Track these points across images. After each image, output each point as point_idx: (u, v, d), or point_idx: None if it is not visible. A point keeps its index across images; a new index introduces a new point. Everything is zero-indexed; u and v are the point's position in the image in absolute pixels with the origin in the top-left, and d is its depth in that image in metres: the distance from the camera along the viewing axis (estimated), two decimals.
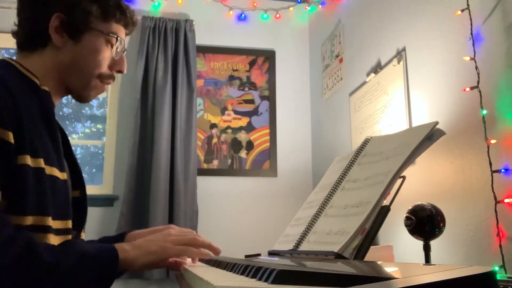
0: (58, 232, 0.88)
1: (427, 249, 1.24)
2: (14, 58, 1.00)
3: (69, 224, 0.93)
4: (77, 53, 0.99)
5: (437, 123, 0.96)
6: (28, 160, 0.83)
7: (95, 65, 1.01)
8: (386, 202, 0.92)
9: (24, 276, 0.73)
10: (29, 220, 0.82)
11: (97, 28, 1.00)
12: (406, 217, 1.24)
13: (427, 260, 1.24)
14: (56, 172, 0.90)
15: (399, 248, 1.71)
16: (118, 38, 1.04)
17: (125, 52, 1.08)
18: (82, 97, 1.05)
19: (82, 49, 0.99)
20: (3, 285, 0.72)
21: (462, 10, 1.49)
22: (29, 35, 0.99)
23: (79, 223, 1.01)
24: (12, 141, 0.81)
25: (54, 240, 0.86)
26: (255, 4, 3.23)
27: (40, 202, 0.84)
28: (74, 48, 0.99)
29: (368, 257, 0.88)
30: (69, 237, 0.93)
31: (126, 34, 1.09)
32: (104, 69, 1.03)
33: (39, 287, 0.75)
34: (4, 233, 0.74)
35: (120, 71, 1.07)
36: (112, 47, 1.03)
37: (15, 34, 1.01)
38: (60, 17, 0.97)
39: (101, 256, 0.85)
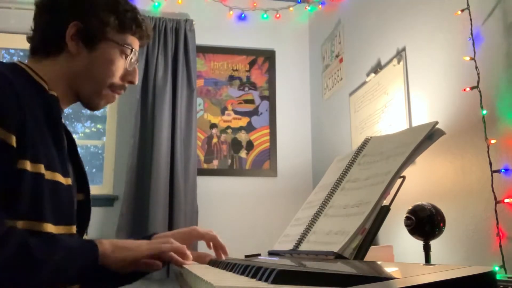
0: None
1: (427, 249, 1.24)
2: (15, 59, 1.01)
3: (73, 229, 0.93)
4: (91, 62, 1.00)
5: (436, 122, 0.96)
6: (28, 166, 0.83)
7: (108, 75, 1.02)
8: (386, 202, 0.92)
9: (16, 273, 0.76)
10: (19, 225, 0.82)
11: (113, 39, 1.01)
12: (406, 217, 1.24)
13: (427, 260, 1.24)
14: (59, 177, 0.90)
15: (399, 248, 1.71)
16: (133, 50, 1.05)
17: (137, 63, 1.09)
18: (92, 105, 1.06)
19: (97, 58, 1.00)
20: None
21: (462, 10, 1.49)
22: (45, 40, 1.00)
23: (82, 226, 1.02)
24: (15, 145, 0.81)
25: None
26: (255, 4, 3.23)
27: (35, 207, 0.84)
28: (89, 56, 1.00)
29: (368, 257, 0.88)
30: None
31: (140, 46, 1.09)
32: (116, 79, 1.04)
33: (30, 281, 0.77)
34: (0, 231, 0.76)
35: (131, 82, 1.08)
36: (126, 58, 1.04)
37: (30, 38, 1.02)
38: (78, 25, 0.98)
39: (82, 248, 0.88)
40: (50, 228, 0.86)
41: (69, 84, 1.00)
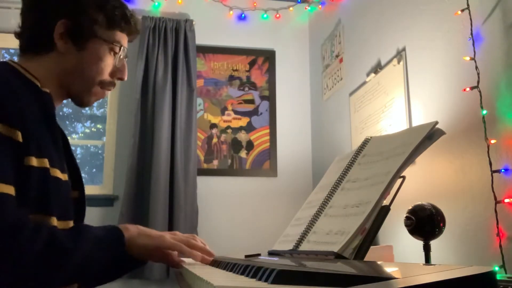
0: None
1: (427, 249, 1.24)
2: (15, 59, 1.01)
3: (71, 224, 0.95)
4: (80, 60, 1.00)
5: (436, 122, 0.96)
6: (34, 161, 0.84)
7: (97, 73, 1.02)
8: (386, 202, 0.92)
9: (48, 263, 0.78)
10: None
11: (101, 37, 1.01)
12: (406, 217, 1.24)
13: (427, 260, 1.23)
14: (58, 173, 0.91)
15: (399, 248, 1.71)
16: (122, 47, 1.05)
17: (126, 59, 1.09)
18: (82, 102, 1.06)
19: (86, 56, 1.00)
20: (29, 272, 0.76)
21: (462, 10, 1.49)
22: (34, 39, 0.99)
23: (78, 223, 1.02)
24: (21, 140, 0.82)
25: None
26: (255, 4, 3.23)
27: (43, 202, 0.85)
28: (78, 55, 1.00)
29: (368, 257, 0.88)
30: None
31: (129, 41, 1.10)
32: (106, 76, 1.04)
33: (60, 272, 0.80)
34: (29, 226, 0.78)
35: (121, 79, 1.09)
36: (115, 55, 1.05)
37: (18, 35, 1.01)
38: (66, 24, 0.97)
39: (110, 237, 0.90)
40: (54, 222, 0.87)
41: (60, 82, 1.00)
